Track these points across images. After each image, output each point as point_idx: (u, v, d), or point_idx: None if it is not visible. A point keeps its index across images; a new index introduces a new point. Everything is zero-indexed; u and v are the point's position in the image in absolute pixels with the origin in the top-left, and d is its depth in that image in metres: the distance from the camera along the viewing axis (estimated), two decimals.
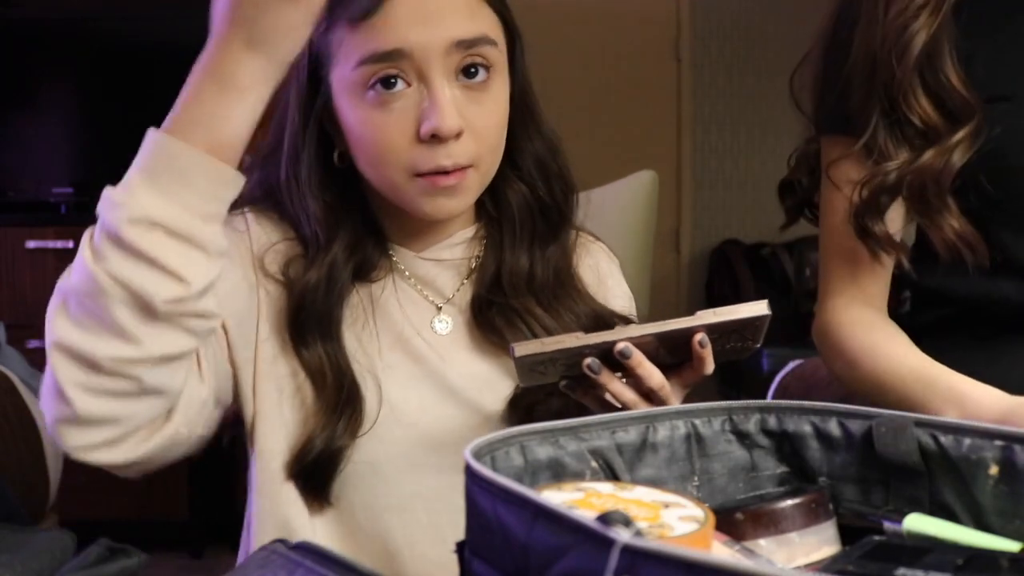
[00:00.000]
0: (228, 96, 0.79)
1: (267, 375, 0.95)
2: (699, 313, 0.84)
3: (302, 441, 0.94)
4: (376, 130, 0.92)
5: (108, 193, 0.80)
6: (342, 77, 0.93)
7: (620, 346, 0.83)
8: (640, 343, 0.84)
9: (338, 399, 0.93)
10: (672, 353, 0.87)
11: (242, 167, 0.84)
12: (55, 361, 0.79)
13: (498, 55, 0.95)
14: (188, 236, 0.79)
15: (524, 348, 0.83)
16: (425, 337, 1.00)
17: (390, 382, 0.97)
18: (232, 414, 0.97)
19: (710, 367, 0.87)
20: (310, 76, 0.96)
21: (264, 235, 0.99)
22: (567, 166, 1.04)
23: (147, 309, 0.78)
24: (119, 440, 0.82)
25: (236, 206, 0.88)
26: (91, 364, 0.79)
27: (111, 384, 0.79)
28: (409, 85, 0.91)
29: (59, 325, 0.80)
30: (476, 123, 0.93)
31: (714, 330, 0.85)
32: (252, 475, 0.97)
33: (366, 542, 0.96)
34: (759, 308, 0.85)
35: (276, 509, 0.95)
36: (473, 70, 0.93)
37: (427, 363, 0.98)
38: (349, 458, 0.94)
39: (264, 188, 1.00)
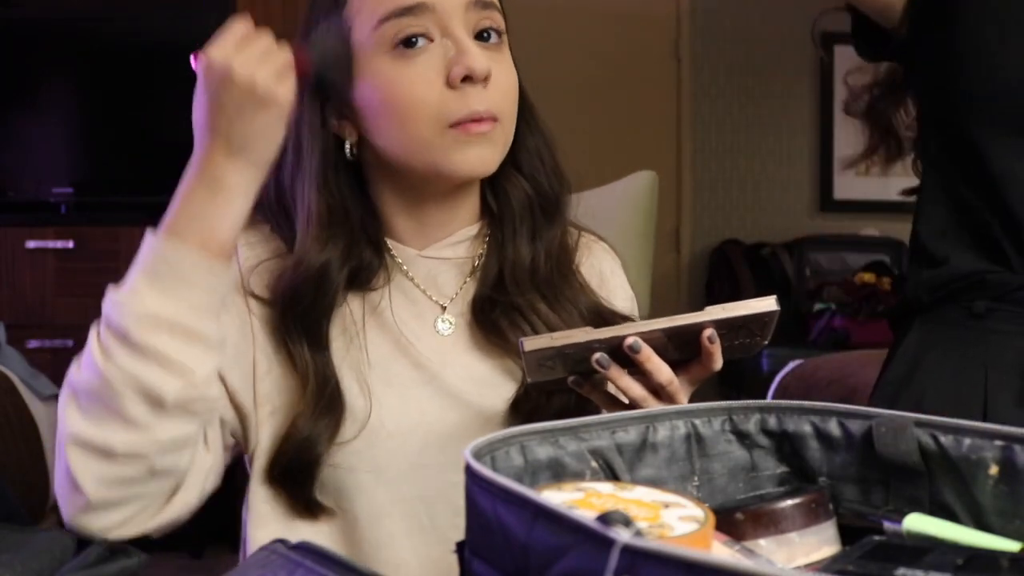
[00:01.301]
0: (217, 198, 0.86)
1: (266, 407, 0.96)
2: (708, 308, 0.84)
3: (280, 447, 0.95)
4: (403, 85, 0.93)
5: (112, 294, 0.85)
6: (360, 43, 0.94)
7: (629, 340, 0.83)
8: (648, 338, 0.84)
9: (317, 405, 0.93)
10: (680, 349, 0.87)
11: None
12: (72, 457, 0.84)
13: (504, 25, 0.98)
14: (191, 330, 0.84)
15: (533, 343, 0.83)
16: (425, 341, 0.99)
17: (389, 389, 0.96)
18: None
19: (719, 363, 0.87)
20: None
21: (252, 255, 0.99)
22: (560, 160, 1.05)
23: (157, 403, 0.83)
24: (133, 516, 0.88)
25: None
26: (106, 453, 0.84)
27: (124, 471, 0.84)
28: (431, 41, 0.93)
29: (72, 420, 0.85)
30: (498, 78, 0.95)
31: (723, 325, 0.85)
32: (247, 497, 0.98)
33: (369, 551, 0.95)
34: (768, 304, 0.85)
35: (263, 525, 0.96)
36: (487, 34, 0.96)
37: (427, 369, 0.98)
38: (339, 465, 0.94)
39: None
